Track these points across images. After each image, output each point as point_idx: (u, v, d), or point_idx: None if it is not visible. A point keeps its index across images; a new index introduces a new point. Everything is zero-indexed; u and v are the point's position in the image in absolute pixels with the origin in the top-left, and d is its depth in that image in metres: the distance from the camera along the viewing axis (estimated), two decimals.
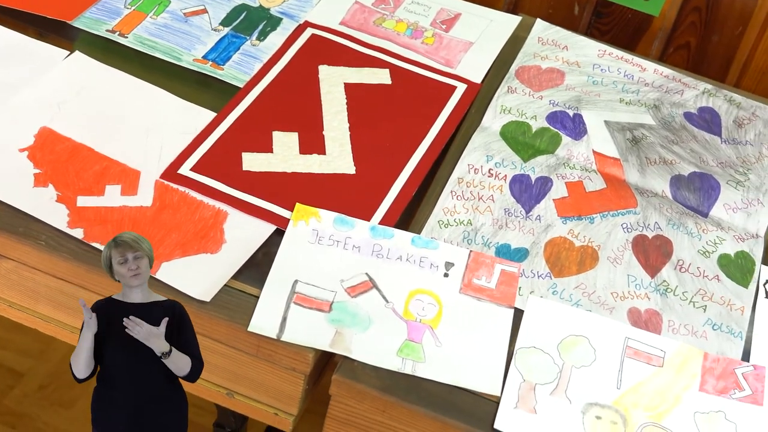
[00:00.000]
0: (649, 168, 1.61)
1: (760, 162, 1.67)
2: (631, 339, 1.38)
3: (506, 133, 1.63)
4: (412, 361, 1.30)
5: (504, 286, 1.40)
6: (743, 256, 1.51)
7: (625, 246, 1.49)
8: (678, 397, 1.33)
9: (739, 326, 1.42)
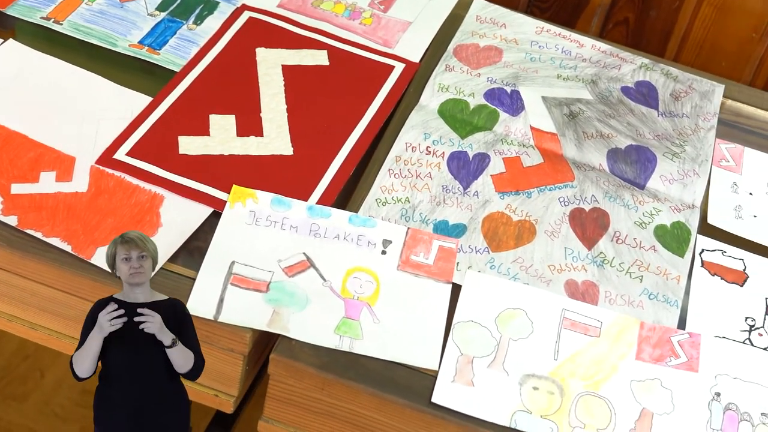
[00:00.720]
0: (586, 142, 1.62)
1: (697, 134, 1.69)
2: (568, 310, 1.39)
3: (444, 111, 1.63)
4: (350, 338, 1.30)
5: (442, 262, 1.40)
6: (679, 227, 1.53)
7: (563, 219, 1.50)
8: (614, 366, 1.34)
9: (675, 295, 1.43)
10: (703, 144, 1.67)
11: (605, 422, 1.28)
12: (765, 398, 1.34)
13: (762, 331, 1.42)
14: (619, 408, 1.30)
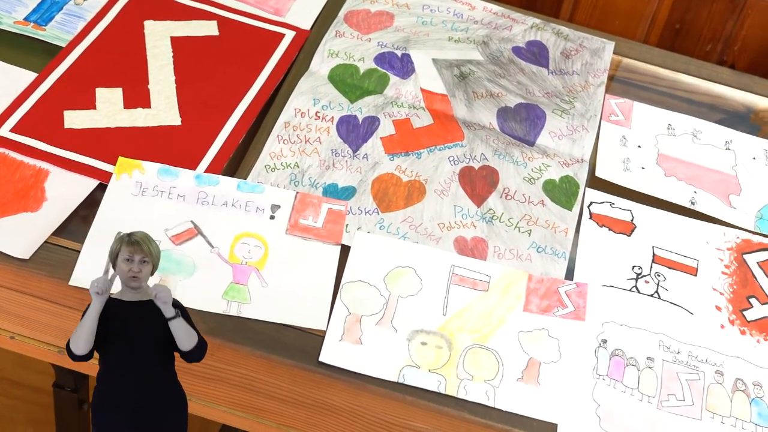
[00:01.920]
0: (476, 102, 1.63)
1: (586, 90, 1.71)
2: (457, 266, 1.40)
3: (334, 77, 1.63)
4: (238, 302, 1.31)
5: (331, 224, 1.41)
6: (568, 181, 1.55)
7: (452, 178, 1.51)
8: (502, 319, 1.36)
9: (562, 247, 1.45)
10: (592, 100, 1.70)
11: (493, 373, 1.30)
12: (650, 343, 1.37)
13: (648, 278, 1.45)
14: (506, 359, 1.31)
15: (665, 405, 1.31)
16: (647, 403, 1.31)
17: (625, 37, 1.91)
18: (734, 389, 1.34)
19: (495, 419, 1.26)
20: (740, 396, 1.34)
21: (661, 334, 1.38)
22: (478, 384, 1.28)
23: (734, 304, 1.44)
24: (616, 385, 1.31)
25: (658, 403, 1.31)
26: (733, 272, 1.48)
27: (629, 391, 1.31)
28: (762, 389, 1.34)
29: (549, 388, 1.29)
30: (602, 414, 1.28)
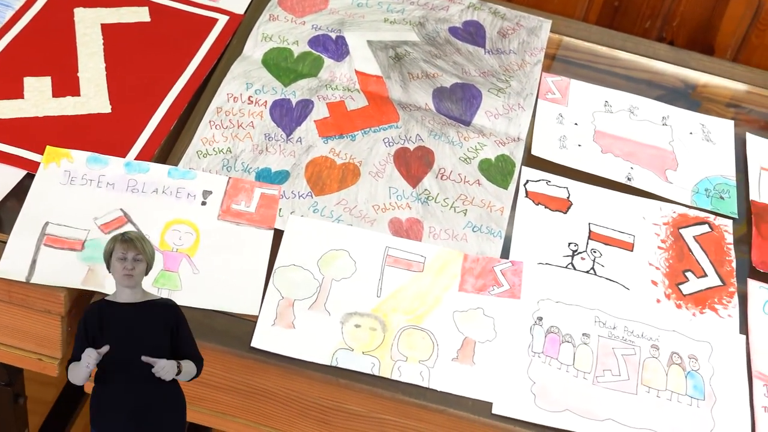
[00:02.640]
0: (411, 83, 1.62)
1: (523, 69, 1.71)
2: (392, 248, 1.39)
3: (268, 61, 1.62)
4: (168, 290, 1.29)
5: (264, 209, 1.40)
6: (504, 159, 1.54)
7: (387, 160, 1.50)
8: (438, 299, 1.35)
9: (498, 226, 1.45)
10: (528, 78, 1.69)
11: (427, 353, 1.29)
12: (586, 319, 1.36)
13: (584, 255, 1.45)
14: (441, 339, 1.31)
15: (601, 380, 1.31)
16: (582, 379, 1.31)
17: (564, 16, 1.90)
18: (670, 363, 1.34)
19: (430, 399, 1.25)
20: (676, 369, 1.34)
21: (596, 310, 1.38)
22: (413, 365, 1.28)
23: (670, 278, 1.44)
24: (551, 362, 1.31)
25: (594, 378, 1.31)
26: (669, 247, 1.48)
27: (565, 368, 1.31)
28: (697, 362, 1.35)
29: (484, 367, 1.29)
30: (537, 391, 1.28)
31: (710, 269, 1.47)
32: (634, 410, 1.29)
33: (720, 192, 1.58)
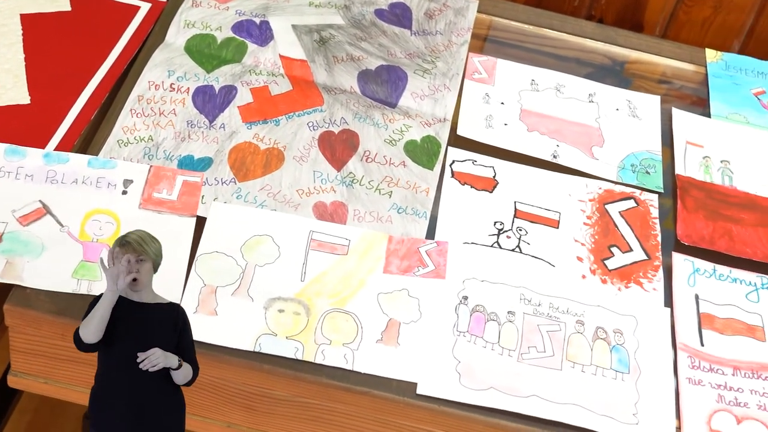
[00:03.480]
0: (336, 66, 1.62)
1: (449, 49, 1.70)
2: (316, 232, 1.39)
3: (191, 47, 1.61)
4: (88, 281, 1.28)
5: (186, 196, 1.39)
6: (429, 140, 1.54)
7: (312, 144, 1.50)
8: (362, 281, 1.35)
9: (423, 207, 1.45)
10: (455, 59, 1.69)
11: (351, 336, 1.29)
12: (512, 297, 1.37)
13: (510, 233, 1.45)
14: (365, 321, 1.31)
15: (526, 357, 1.31)
16: (508, 356, 1.31)
17: None
18: (595, 338, 1.35)
19: (354, 382, 1.25)
20: (601, 344, 1.34)
21: (522, 287, 1.38)
22: (337, 348, 1.27)
23: (596, 254, 1.45)
24: (476, 341, 1.31)
25: (519, 355, 1.31)
26: (595, 223, 1.49)
27: (490, 346, 1.31)
28: (622, 336, 1.35)
29: (409, 348, 1.29)
30: (462, 370, 1.28)
31: (635, 244, 1.47)
32: (559, 386, 1.29)
33: (646, 167, 1.59)
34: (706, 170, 1.61)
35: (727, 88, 1.77)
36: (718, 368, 1.35)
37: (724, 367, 1.35)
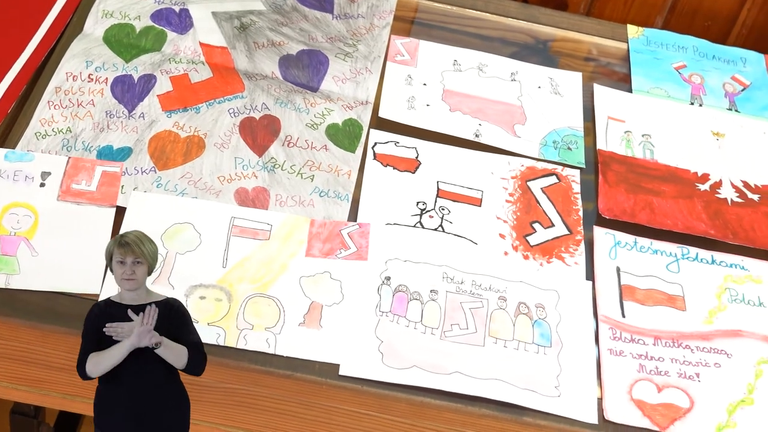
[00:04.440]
0: (257, 52, 1.61)
1: (371, 32, 1.71)
2: (237, 218, 1.39)
3: (109, 38, 1.60)
4: (6, 274, 1.27)
5: (105, 187, 1.38)
6: (351, 123, 1.54)
7: (233, 130, 1.50)
8: (284, 266, 1.35)
9: (345, 189, 1.45)
10: (376, 42, 1.69)
11: (274, 320, 1.29)
12: (434, 276, 1.38)
13: (433, 213, 1.46)
14: (288, 305, 1.31)
15: (449, 335, 1.32)
16: (431, 334, 1.32)
17: None
18: (517, 313, 1.36)
19: (276, 366, 1.25)
20: (523, 319, 1.36)
21: (445, 266, 1.39)
22: (259, 332, 1.27)
23: (518, 230, 1.46)
24: (399, 320, 1.32)
25: (442, 333, 1.32)
26: (517, 200, 1.50)
27: (412, 325, 1.32)
28: (544, 311, 1.37)
29: (331, 330, 1.29)
30: (385, 350, 1.29)
31: (557, 219, 1.49)
32: (482, 362, 1.30)
33: (568, 143, 1.60)
34: (627, 144, 1.63)
35: (648, 63, 1.79)
36: (639, 338, 1.36)
37: (645, 337, 1.37)
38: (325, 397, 1.26)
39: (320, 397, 1.26)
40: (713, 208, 1.55)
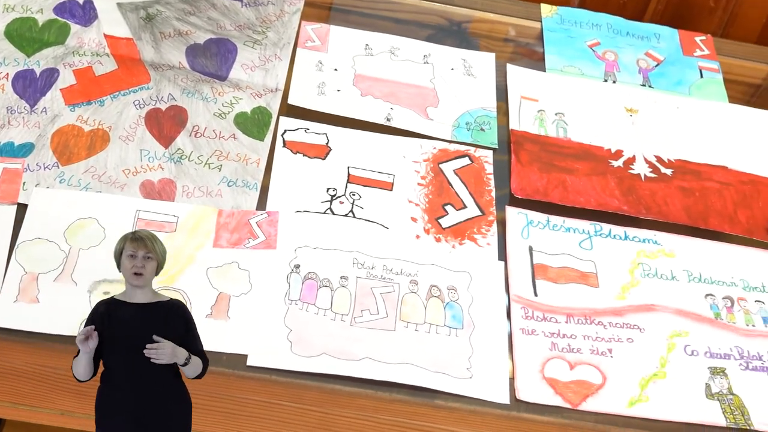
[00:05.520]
0: (164, 42, 1.59)
1: (281, 19, 1.69)
2: (143, 211, 1.37)
3: (11, 32, 1.56)
4: None
5: (6, 184, 1.35)
6: (260, 111, 1.52)
7: (138, 122, 1.47)
8: (191, 257, 1.33)
9: (254, 178, 1.43)
10: (286, 28, 1.67)
11: None
12: (345, 262, 1.37)
13: (343, 199, 1.45)
14: (194, 297, 1.29)
15: (359, 321, 1.31)
16: (341, 321, 1.31)
17: None
18: (429, 296, 1.35)
19: None
20: (435, 302, 1.35)
21: (355, 252, 1.38)
22: None
23: (429, 213, 1.45)
24: (308, 308, 1.31)
25: (352, 319, 1.31)
26: (429, 182, 1.49)
27: (322, 312, 1.31)
28: (456, 293, 1.36)
29: (239, 321, 1.28)
30: (294, 338, 1.28)
31: (470, 200, 1.48)
32: (393, 346, 1.29)
33: (481, 124, 1.60)
34: (540, 123, 1.62)
35: (562, 42, 1.79)
36: (551, 317, 1.36)
37: (557, 315, 1.37)
38: (235, 389, 1.25)
39: (229, 388, 1.25)
40: (626, 184, 1.55)
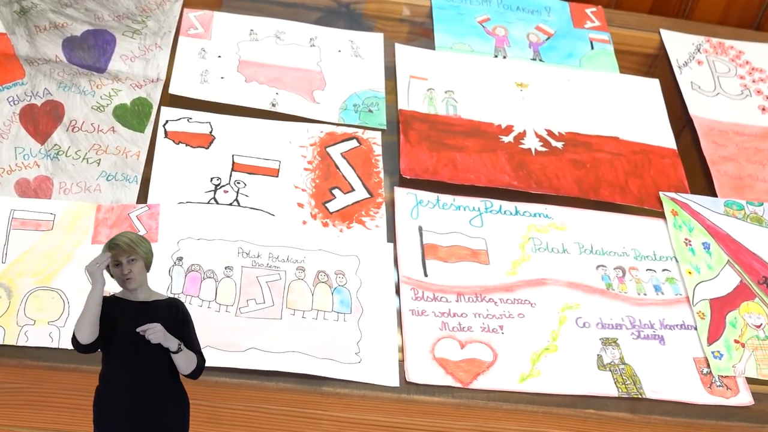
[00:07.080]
0: (39, 36, 1.55)
1: (162, 7, 1.65)
2: (18, 210, 1.33)
3: None
4: None
5: None
6: (141, 103, 1.49)
7: (12, 119, 1.43)
8: (68, 255, 1.30)
9: (134, 171, 1.40)
10: (167, 16, 1.64)
11: (58, 313, 1.25)
12: (229, 252, 1.34)
13: (227, 188, 1.42)
14: (72, 296, 1.26)
15: (244, 311, 1.29)
16: (225, 312, 1.28)
17: None
18: (316, 282, 1.33)
19: (61, 360, 1.21)
20: (322, 288, 1.33)
21: (240, 241, 1.36)
22: (42, 327, 1.22)
23: (316, 198, 1.44)
24: (192, 301, 1.28)
25: (237, 310, 1.29)
26: (316, 167, 1.47)
27: (206, 304, 1.29)
28: (344, 277, 1.35)
29: None
30: None
31: (358, 183, 1.47)
32: (279, 335, 1.27)
33: (369, 105, 1.58)
34: (430, 102, 1.61)
35: (451, 19, 1.78)
36: (441, 296, 1.35)
37: (447, 295, 1.36)
38: None
39: None
40: (517, 159, 1.55)
